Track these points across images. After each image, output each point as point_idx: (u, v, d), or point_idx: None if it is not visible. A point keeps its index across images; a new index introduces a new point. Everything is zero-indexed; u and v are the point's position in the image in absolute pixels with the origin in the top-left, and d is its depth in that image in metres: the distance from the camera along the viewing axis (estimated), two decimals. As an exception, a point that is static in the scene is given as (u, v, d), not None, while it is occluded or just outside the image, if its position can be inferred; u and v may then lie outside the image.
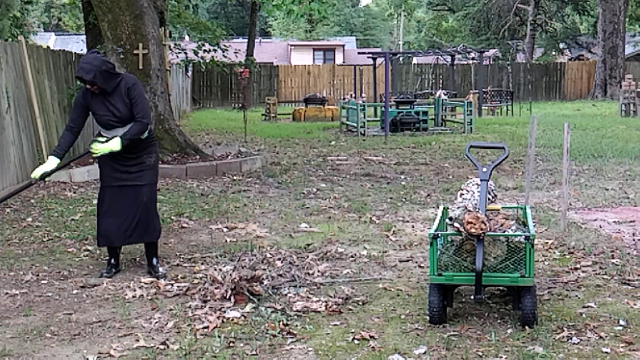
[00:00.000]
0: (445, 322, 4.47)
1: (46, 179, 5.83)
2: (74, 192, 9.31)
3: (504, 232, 4.50)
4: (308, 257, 5.97)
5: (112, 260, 5.78)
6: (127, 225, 5.54)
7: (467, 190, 4.96)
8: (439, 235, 4.55)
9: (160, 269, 5.71)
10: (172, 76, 19.42)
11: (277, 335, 4.33)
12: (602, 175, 10.21)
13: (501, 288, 4.86)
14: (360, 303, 4.90)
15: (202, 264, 5.93)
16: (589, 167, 10.95)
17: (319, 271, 5.58)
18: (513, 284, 4.40)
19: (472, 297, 4.55)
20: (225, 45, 17.22)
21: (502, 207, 5.04)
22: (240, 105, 26.16)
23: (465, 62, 34.29)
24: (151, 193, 5.66)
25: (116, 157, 5.50)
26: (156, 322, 4.58)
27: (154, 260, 5.74)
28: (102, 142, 5.47)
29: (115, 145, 5.40)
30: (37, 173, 5.63)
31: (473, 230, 4.30)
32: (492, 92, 26.17)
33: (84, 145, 12.26)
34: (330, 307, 4.76)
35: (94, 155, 5.51)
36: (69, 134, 5.60)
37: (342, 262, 5.96)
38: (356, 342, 4.23)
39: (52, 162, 5.60)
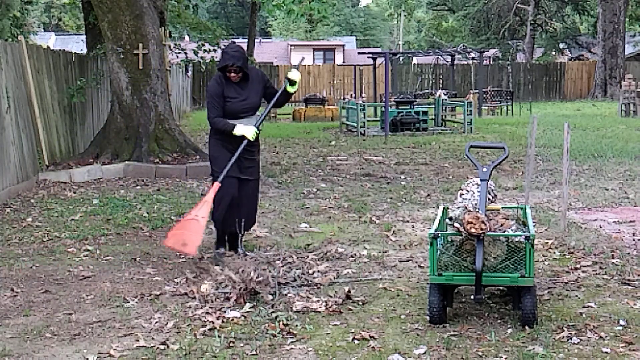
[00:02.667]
0: (445, 322, 4.47)
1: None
2: (74, 192, 9.31)
3: (504, 232, 4.50)
4: (308, 257, 5.97)
5: (221, 248, 6.06)
6: (243, 215, 5.93)
7: (467, 190, 4.96)
8: (439, 235, 4.55)
9: (247, 255, 5.93)
10: (172, 76, 19.42)
11: (277, 335, 4.33)
12: (602, 175, 10.21)
13: (501, 288, 4.86)
14: (360, 303, 4.90)
15: (202, 262, 5.93)
16: (589, 167, 10.94)
17: (319, 271, 5.58)
18: (513, 284, 4.40)
19: (472, 297, 4.55)
20: (225, 45, 17.21)
21: (502, 207, 5.04)
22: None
23: (465, 62, 34.28)
24: (256, 187, 6.09)
25: (237, 148, 5.81)
26: (156, 322, 4.58)
27: (242, 249, 6.07)
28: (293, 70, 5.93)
29: (297, 74, 5.95)
30: (254, 132, 5.84)
31: (473, 230, 4.30)
32: (492, 92, 26.16)
33: (84, 145, 12.27)
34: (330, 307, 4.76)
35: (293, 88, 5.96)
36: (222, 119, 5.87)
37: (342, 262, 5.96)
38: (356, 342, 4.23)
39: (245, 125, 5.83)
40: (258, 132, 5.87)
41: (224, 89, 5.87)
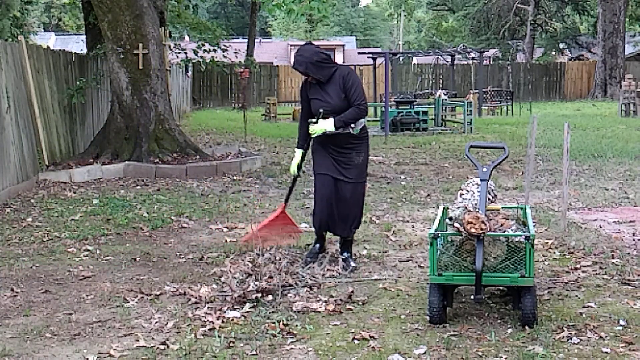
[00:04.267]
0: (445, 322, 4.46)
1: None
2: (74, 192, 9.30)
3: (504, 232, 4.50)
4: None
5: (317, 245, 5.93)
6: (329, 215, 5.72)
7: (467, 190, 4.96)
8: (439, 235, 4.55)
9: (352, 263, 5.79)
10: (172, 76, 19.42)
11: (277, 335, 4.32)
12: (602, 175, 10.21)
13: (501, 288, 4.86)
14: (360, 303, 4.90)
15: (203, 263, 5.94)
16: (589, 167, 10.94)
17: (319, 271, 5.57)
18: (513, 284, 4.40)
19: (472, 297, 4.55)
20: (225, 45, 17.21)
21: (502, 207, 5.04)
22: (240, 105, 26.15)
23: (465, 62, 34.28)
24: (355, 191, 5.74)
25: (329, 152, 5.69)
26: (156, 322, 4.58)
27: (344, 254, 5.85)
28: (315, 123, 5.64)
29: (329, 125, 5.55)
30: (293, 169, 5.88)
31: (473, 230, 4.30)
32: (492, 92, 26.17)
33: (84, 145, 12.27)
34: (330, 307, 4.76)
35: (312, 136, 5.69)
36: (305, 123, 5.79)
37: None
38: (356, 342, 4.23)
39: (298, 154, 5.85)
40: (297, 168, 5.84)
41: (309, 90, 5.74)
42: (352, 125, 5.64)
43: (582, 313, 4.64)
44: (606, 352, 4.01)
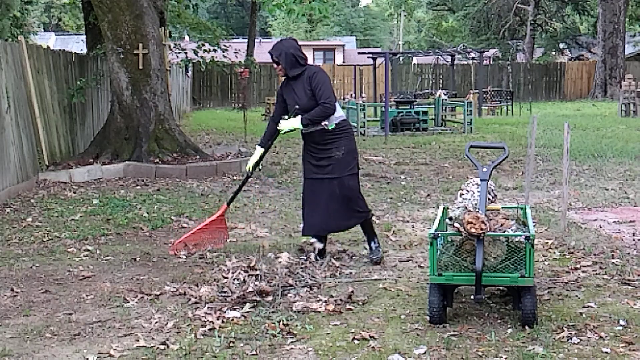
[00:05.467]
0: (445, 322, 4.46)
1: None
2: (74, 192, 9.30)
3: (504, 232, 4.50)
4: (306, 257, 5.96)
5: (319, 243, 6.00)
6: (327, 215, 5.77)
7: (467, 190, 4.96)
8: (439, 235, 4.55)
9: (374, 256, 5.85)
10: (172, 76, 19.42)
11: (277, 335, 4.33)
12: (602, 175, 10.21)
13: (501, 288, 4.86)
14: (360, 303, 4.90)
15: (203, 263, 5.93)
16: (589, 167, 10.94)
17: (319, 271, 5.57)
18: (513, 284, 4.40)
19: (472, 297, 4.55)
20: (225, 45, 17.23)
21: (502, 207, 5.04)
22: (240, 105, 26.15)
23: (465, 62, 34.28)
24: (342, 186, 5.75)
25: (310, 150, 5.81)
26: (156, 322, 4.58)
27: (372, 244, 5.93)
28: (286, 120, 5.77)
29: (296, 122, 5.66)
30: (249, 166, 6.04)
31: (473, 230, 4.30)
32: (492, 92, 26.17)
33: (84, 145, 12.27)
34: (330, 307, 4.76)
35: (281, 133, 5.84)
36: (273, 123, 5.93)
37: (342, 262, 5.95)
38: (356, 342, 4.23)
39: (258, 151, 6.01)
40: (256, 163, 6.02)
41: (284, 89, 5.85)
42: (326, 122, 5.70)
43: (582, 313, 4.64)
44: (606, 352, 4.01)
